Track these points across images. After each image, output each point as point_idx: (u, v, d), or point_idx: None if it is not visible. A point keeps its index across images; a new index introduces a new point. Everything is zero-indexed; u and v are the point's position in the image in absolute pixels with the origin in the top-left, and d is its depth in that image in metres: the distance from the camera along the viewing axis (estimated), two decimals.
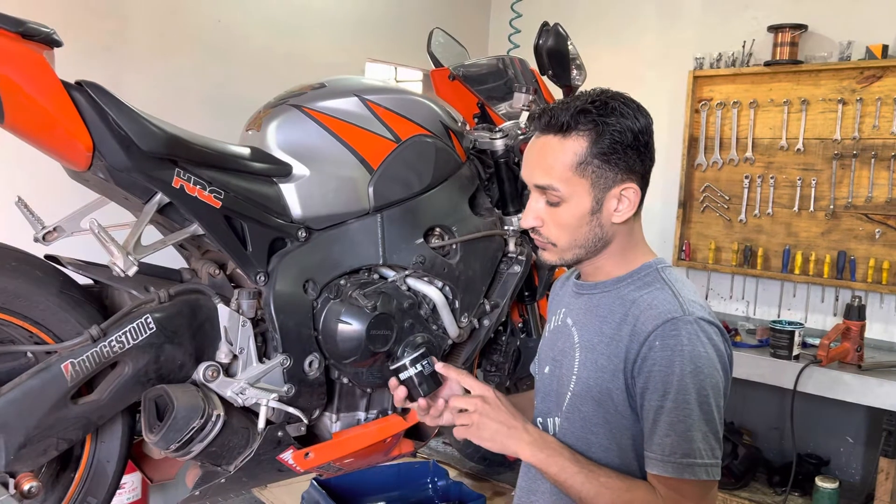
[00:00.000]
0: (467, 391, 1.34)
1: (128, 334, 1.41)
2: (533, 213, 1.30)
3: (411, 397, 1.36)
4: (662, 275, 1.29)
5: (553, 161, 1.25)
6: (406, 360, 1.34)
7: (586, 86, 1.68)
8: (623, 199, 1.26)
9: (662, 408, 1.17)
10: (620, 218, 1.27)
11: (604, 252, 1.31)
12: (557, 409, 1.35)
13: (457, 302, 1.92)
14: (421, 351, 1.37)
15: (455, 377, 1.35)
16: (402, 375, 1.34)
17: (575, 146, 1.24)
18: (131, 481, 2.91)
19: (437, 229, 1.91)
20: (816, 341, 3.16)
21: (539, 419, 1.41)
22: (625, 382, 1.23)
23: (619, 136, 1.23)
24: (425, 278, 1.87)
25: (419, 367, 1.34)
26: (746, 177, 3.70)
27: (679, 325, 1.19)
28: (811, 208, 3.53)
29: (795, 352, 3.11)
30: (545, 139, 1.27)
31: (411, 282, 1.85)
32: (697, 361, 1.17)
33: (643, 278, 1.30)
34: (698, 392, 1.17)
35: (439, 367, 1.36)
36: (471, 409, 1.25)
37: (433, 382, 1.36)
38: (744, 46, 3.70)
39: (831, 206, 3.46)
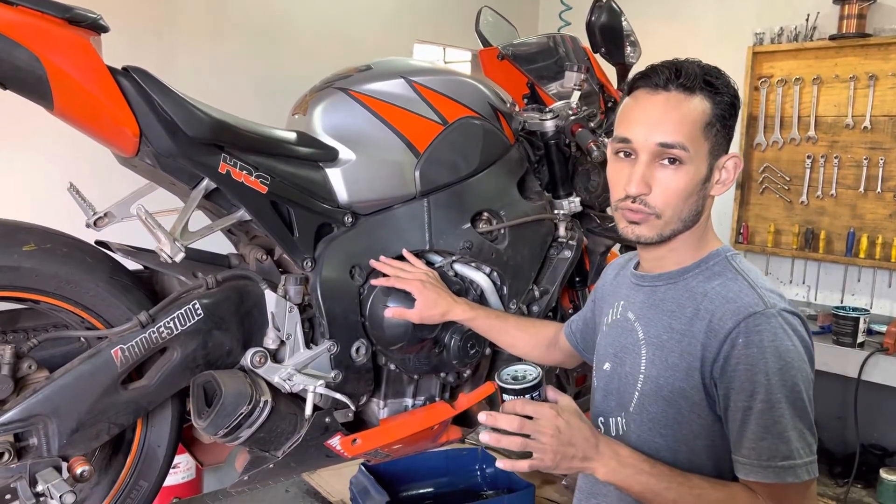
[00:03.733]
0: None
1: (176, 320, 1.41)
2: (643, 179, 1.17)
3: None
4: (733, 263, 1.21)
5: (684, 117, 1.16)
6: (518, 387, 1.16)
7: (640, 64, 1.61)
8: (724, 171, 1.20)
9: (751, 409, 1.10)
10: (720, 190, 1.21)
11: (685, 232, 1.22)
12: (621, 409, 1.28)
13: (505, 288, 1.88)
14: (537, 380, 1.17)
15: (511, 410, 1.16)
16: (508, 399, 1.18)
17: (701, 106, 1.16)
18: (186, 461, 2.98)
19: (485, 214, 1.86)
20: (883, 328, 3.04)
21: (601, 419, 1.34)
22: (702, 381, 1.16)
23: (733, 101, 1.18)
24: (473, 264, 1.84)
25: (530, 397, 1.17)
26: (808, 156, 3.56)
27: (761, 319, 1.11)
28: (878, 189, 3.37)
29: (860, 339, 3.00)
30: (668, 95, 1.17)
31: (458, 267, 1.82)
32: (786, 356, 1.10)
33: (711, 268, 1.22)
34: (790, 389, 1.10)
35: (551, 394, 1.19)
36: (543, 441, 1.12)
37: None
38: (807, 20, 3.55)
39: None
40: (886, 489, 2.91)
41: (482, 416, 1.17)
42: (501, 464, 1.18)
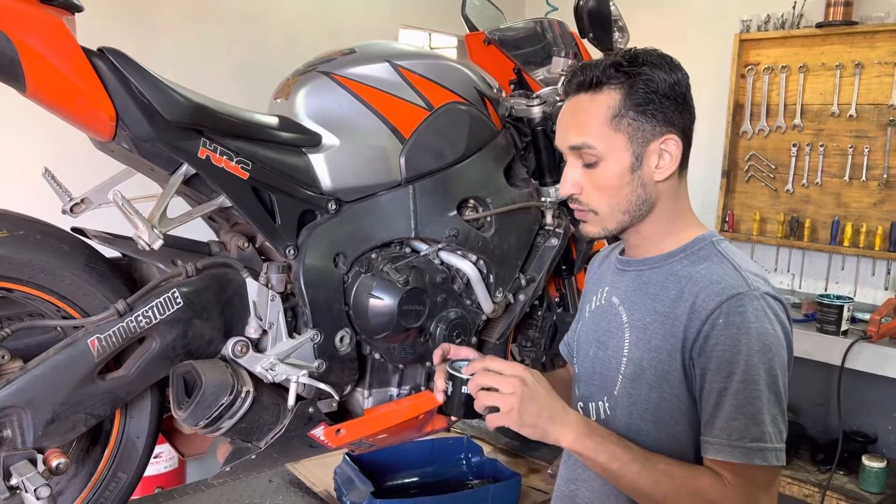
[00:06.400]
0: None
1: (155, 309, 1.38)
2: (570, 180, 1.23)
3: (447, 405, 1.21)
4: (718, 248, 1.21)
5: (586, 118, 1.19)
6: (465, 376, 1.16)
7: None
8: (664, 154, 1.20)
9: (727, 389, 1.10)
10: (662, 174, 1.20)
11: (648, 218, 1.23)
12: (603, 393, 1.27)
13: (491, 276, 1.86)
14: None
15: (480, 366, 1.15)
16: (452, 387, 1.18)
17: (608, 100, 1.18)
18: (167, 451, 2.95)
19: (471, 201, 1.84)
20: (866, 316, 3.05)
21: (580, 404, 1.33)
22: (682, 363, 1.15)
23: (653, 86, 1.17)
24: (459, 252, 1.81)
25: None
26: (794, 145, 3.56)
27: (745, 300, 1.11)
28: (863, 177, 3.38)
29: (844, 327, 3.01)
30: (576, 99, 1.22)
31: (444, 255, 1.79)
32: (765, 339, 1.10)
33: (697, 252, 1.22)
34: (767, 372, 1.10)
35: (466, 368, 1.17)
36: (507, 391, 1.10)
37: (475, 412, 1.17)
38: (794, 7, 3.54)
39: (885, 176, 3.31)
40: (868, 476, 2.92)
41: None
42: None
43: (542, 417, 1.11)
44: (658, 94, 1.17)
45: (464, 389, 1.16)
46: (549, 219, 2.00)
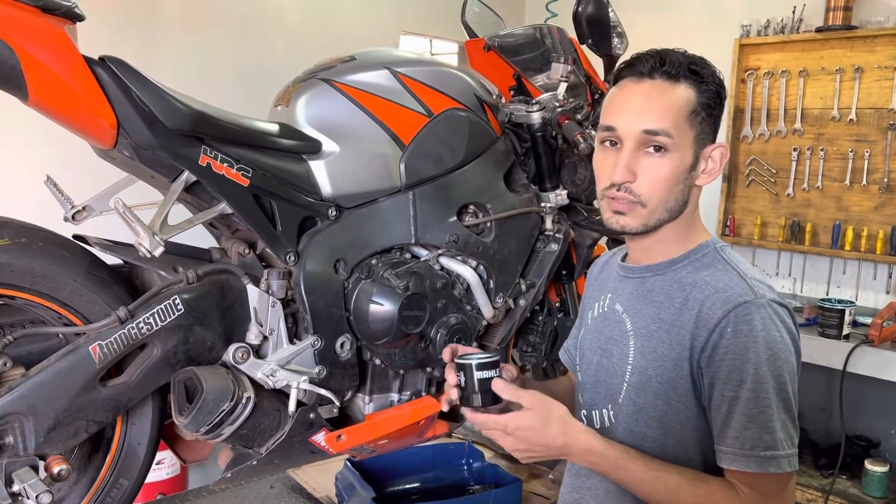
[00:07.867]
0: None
1: (156, 316, 1.39)
2: (627, 166, 1.17)
3: (463, 399, 1.18)
4: (722, 255, 1.21)
5: (667, 105, 1.16)
6: (474, 361, 1.16)
7: (626, 56, 1.59)
8: (710, 160, 1.20)
9: (738, 398, 1.10)
10: (706, 180, 1.21)
11: (672, 222, 1.21)
12: (608, 400, 1.27)
13: (491, 282, 1.86)
14: (495, 358, 1.17)
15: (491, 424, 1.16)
16: (464, 377, 1.17)
17: (686, 94, 1.17)
18: (170, 457, 2.94)
19: (471, 207, 1.84)
20: (868, 320, 3.05)
21: (584, 412, 1.33)
22: (690, 372, 1.15)
23: (718, 90, 1.18)
24: (459, 257, 1.82)
25: (487, 374, 1.15)
26: (795, 149, 3.56)
27: (751, 309, 1.11)
28: (864, 181, 3.38)
29: (845, 331, 3.01)
30: (653, 83, 1.17)
31: (444, 261, 1.80)
32: (773, 347, 1.10)
33: (701, 259, 1.21)
34: (776, 379, 1.10)
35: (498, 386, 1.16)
36: (509, 447, 1.15)
37: (491, 397, 1.16)
38: (793, 12, 3.54)
39: (885, 179, 3.31)
40: (871, 480, 2.92)
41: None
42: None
43: (549, 454, 1.17)
44: (720, 99, 1.19)
45: (477, 375, 1.15)
46: (548, 224, 2.00)
